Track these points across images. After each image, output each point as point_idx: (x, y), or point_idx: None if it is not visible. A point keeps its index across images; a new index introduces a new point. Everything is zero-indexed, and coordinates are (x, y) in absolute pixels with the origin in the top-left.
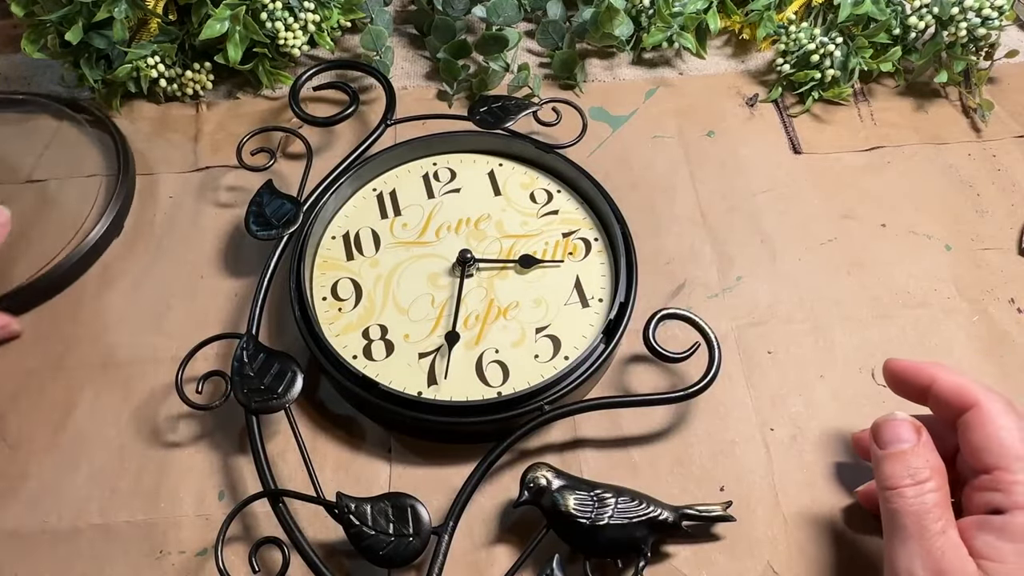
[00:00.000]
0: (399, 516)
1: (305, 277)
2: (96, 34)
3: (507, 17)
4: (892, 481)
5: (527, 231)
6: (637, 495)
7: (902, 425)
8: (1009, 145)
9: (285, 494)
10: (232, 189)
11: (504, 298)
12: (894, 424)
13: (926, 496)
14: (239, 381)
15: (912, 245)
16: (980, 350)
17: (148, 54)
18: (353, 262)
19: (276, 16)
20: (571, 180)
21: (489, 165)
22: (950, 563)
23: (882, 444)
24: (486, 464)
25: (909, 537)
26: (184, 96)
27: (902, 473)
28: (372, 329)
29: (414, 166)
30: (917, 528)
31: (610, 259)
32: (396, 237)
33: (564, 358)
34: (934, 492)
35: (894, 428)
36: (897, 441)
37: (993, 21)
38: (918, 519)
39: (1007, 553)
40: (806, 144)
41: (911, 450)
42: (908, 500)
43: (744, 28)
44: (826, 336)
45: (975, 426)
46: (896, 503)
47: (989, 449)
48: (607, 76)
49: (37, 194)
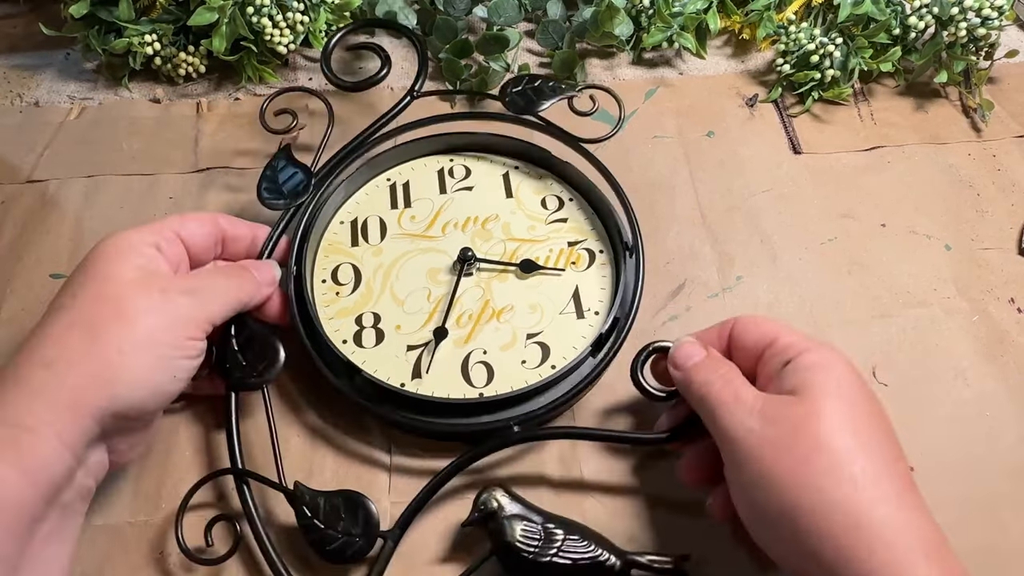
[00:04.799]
0: (350, 514)
1: (308, 258)
2: (103, 8)
3: (508, 17)
4: (704, 380)
5: (533, 236)
6: (590, 534)
7: (691, 345)
8: (1009, 145)
9: (249, 475)
10: (233, 190)
11: (500, 300)
12: (685, 346)
13: (733, 377)
14: (221, 354)
15: (912, 245)
16: (980, 350)
17: (147, 31)
18: (357, 248)
19: (263, 12)
20: (585, 190)
21: (505, 167)
22: (770, 402)
23: (680, 365)
24: (439, 478)
25: (727, 400)
26: (178, 76)
27: (709, 375)
28: (365, 316)
29: (431, 161)
30: (733, 394)
31: (612, 273)
32: (403, 228)
33: (551, 367)
34: (736, 375)
35: (686, 348)
36: (691, 356)
37: (993, 21)
38: (732, 390)
39: (807, 378)
40: (806, 144)
41: (706, 358)
42: (720, 384)
43: (744, 28)
44: (826, 335)
45: (750, 326)
46: (711, 389)
47: (766, 330)
48: (607, 76)
49: (37, 194)
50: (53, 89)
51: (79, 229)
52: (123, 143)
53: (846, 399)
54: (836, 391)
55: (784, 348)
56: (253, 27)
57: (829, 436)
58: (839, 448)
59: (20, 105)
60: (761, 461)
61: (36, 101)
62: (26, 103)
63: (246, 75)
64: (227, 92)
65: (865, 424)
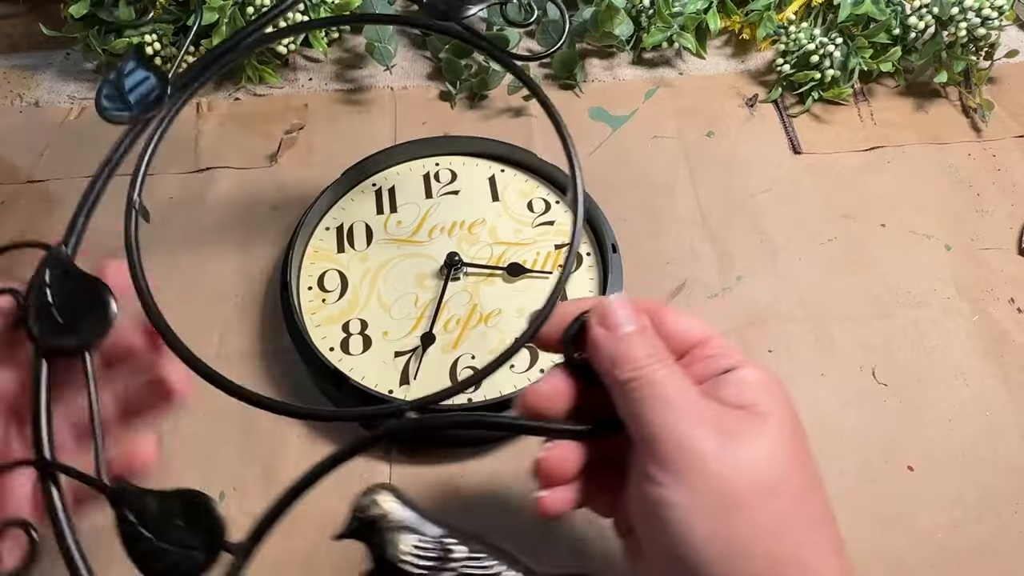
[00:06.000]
0: (189, 520)
1: (293, 265)
2: (103, 8)
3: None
4: (638, 363)
5: (520, 239)
6: (499, 552)
7: (626, 304)
8: (1009, 145)
9: (58, 468)
10: (233, 190)
11: (488, 304)
12: (619, 304)
13: (674, 368)
14: (35, 309)
15: (912, 245)
16: (980, 350)
17: (148, 31)
18: (343, 255)
19: (264, 13)
20: None
21: (491, 170)
22: (724, 415)
23: (613, 325)
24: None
25: (672, 396)
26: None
27: (644, 353)
28: (352, 323)
29: (416, 165)
30: (678, 389)
31: (600, 275)
32: (389, 233)
33: (540, 371)
34: (677, 366)
35: (621, 309)
36: (628, 322)
37: (993, 21)
38: (676, 382)
39: (757, 396)
40: (806, 144)
41: (647, 329)
42: (659, 375)
43: (744, 28)
44: (826, 335)
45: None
46: (648, 379)
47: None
48: (607, 76)
49: (37, 194)
50: (53, 89)
51: None
52: None
53: (798, 431)
54: (790, 421)
55: (720, 352)
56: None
57: (789, 473)
58: (798, 486)
59: (20, 105)
60: (715, 480)
61: (36, 101)
62: (26, 103)
63: (246, 75)
64: (227, 92)
65: (811, 460)
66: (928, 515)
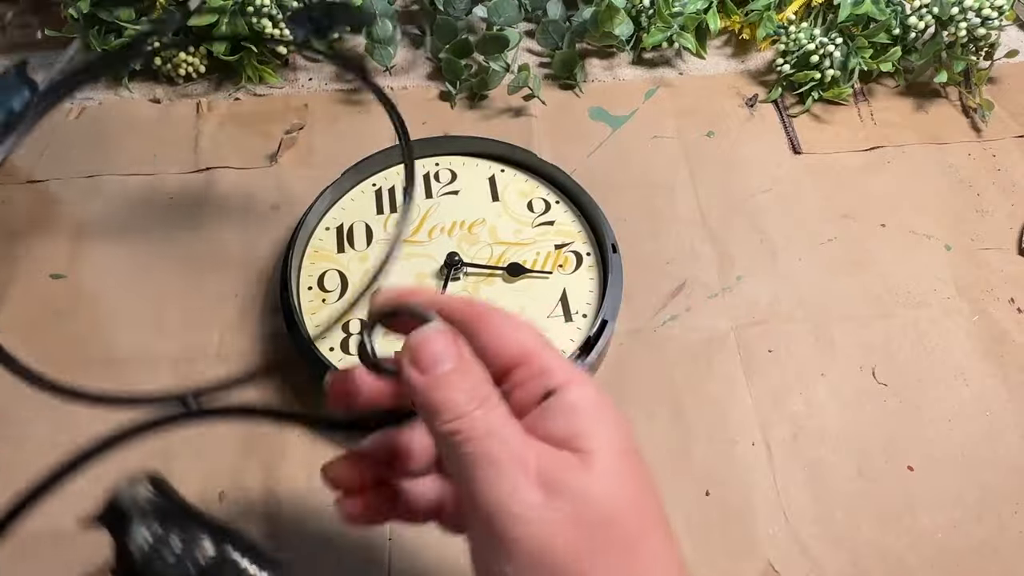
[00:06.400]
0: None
1: (293, 266)
2: (103, 8)
3: (508, 17)
4: (458, 411)
5: (520, 239)
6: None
7: (440, 338)
8: (1009, 145)
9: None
10: (233, 190)
11: None
12: (433, 339)
13: (497, 409)
14: None
15: (912, 245)
16: (980, 350)
17: (148, 31)
18: (343, 255)
19: (263, 12)
20: (571, 192)
21: (491, 170)
22: (549, 461)
23: (429, 367)
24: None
25: (497, 457)
26: (178, 76)
27: (465, 397)
28: (352, 323)
29: (416, 165)
30: (502, 446)
31: (600, 275)
32: (389, 233)
33: None
34: (499, 402)
35: (434, 344)
36: (443, 360)
37: (993, 21)
38: (500, 437)
39: (584, 424)
40: (806, 144)
41: (462, 364)
42: (481, 422)
43: (744, 28)
44: (826, 335)
45: (504, 329)
46: (469, 433)
47: (521, 341)
48: (607, 76)
49: (37, 194)
50: None
51: (79, 229)
52: (123, 143)
53: (628, 459)
54: (620, 450)
55: (542, 372)
56: (253, 27)
57: (621, 515)
58: (631, 530)
59: None
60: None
61: None
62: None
63: (246, 75)
64: (227, 92)
65: (646, 483)
66: (928, 515)
